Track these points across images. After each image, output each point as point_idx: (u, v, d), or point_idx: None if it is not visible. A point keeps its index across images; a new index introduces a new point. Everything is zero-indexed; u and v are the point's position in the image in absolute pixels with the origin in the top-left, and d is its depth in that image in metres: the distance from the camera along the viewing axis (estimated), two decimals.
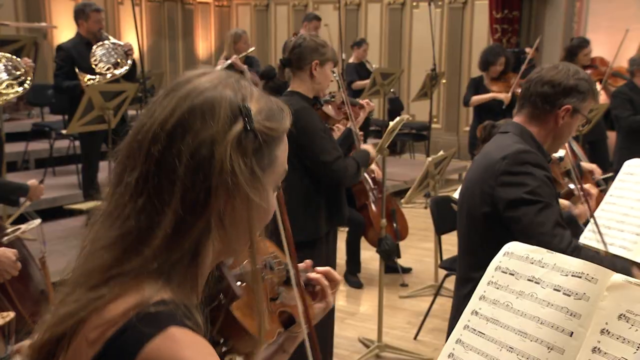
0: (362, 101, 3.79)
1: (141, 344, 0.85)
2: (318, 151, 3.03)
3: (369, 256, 5.16)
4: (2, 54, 4.98)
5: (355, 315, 4.74)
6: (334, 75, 3.32)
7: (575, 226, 2.47)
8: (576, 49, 6.36)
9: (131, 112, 6.21)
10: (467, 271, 2.39)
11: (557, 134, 2.33)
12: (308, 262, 1.40)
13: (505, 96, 6.10)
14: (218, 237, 0.96)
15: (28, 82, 4.91)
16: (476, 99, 6.26)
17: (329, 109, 3.33)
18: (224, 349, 1.05)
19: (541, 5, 8.88)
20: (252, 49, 6.81)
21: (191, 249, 0.93)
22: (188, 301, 0.94)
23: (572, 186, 2.67)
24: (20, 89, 4.85)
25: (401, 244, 5.27)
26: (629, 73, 5.53)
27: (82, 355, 0.89)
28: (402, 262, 5.37)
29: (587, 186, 2.57)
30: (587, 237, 2.82)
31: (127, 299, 0.90)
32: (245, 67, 6.43)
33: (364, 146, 3.41)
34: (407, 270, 5.37)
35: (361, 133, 4.98)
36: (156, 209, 0.91)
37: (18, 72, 4.87)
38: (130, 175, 0.93)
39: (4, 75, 4.84)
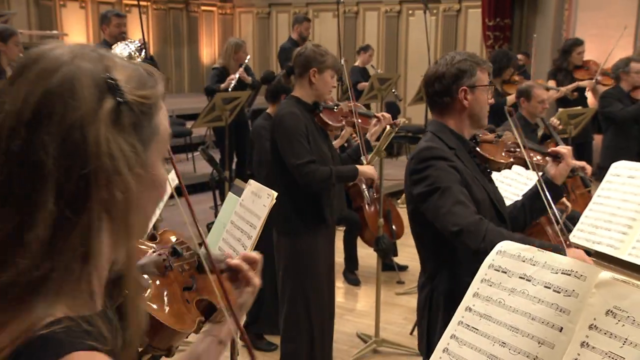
0: (379, 114, 3.67)
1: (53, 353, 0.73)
2: (291, 154, 3.08)
3: (367, 254, 5.15)
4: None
5: (353, 312, 4.74)
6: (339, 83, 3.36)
7: (555, 187, 2.46)
8: (570, 47, 6.40)
9: None
10: (430, 267, 2.42)
11: (471, 113, 2.37)
12: (226, 253, 1.33)
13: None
14: (109, 229, 0.82)
15: None
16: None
17: (327, 116, 3.33)
18: (139, 350, 0.93)
19: (531, 13, 8.88)
20: (249, 57, 6.82)
21: (79, 250, 0.78)
22: (88, 310, 0.81)
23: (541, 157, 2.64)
24: None
25: (397, 242, 5.28)
26: (614, 79, 5.52)
27: None
28: (399, 260, 5.36)
29: (556, 149, 2.54)
30: (577, 236, 2.83)
31: (12, 326, 0.76)
32: (250, 79, 6.44)
33: (363, 167, 3.38)
34: (403, 268, 5.37)
35: (356, 138, 4.98)
36: (25, 213, 0.76)
37: None
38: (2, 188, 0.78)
39: None
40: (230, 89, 6.20)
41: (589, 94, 6.36)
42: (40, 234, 0.76)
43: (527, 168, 2.50)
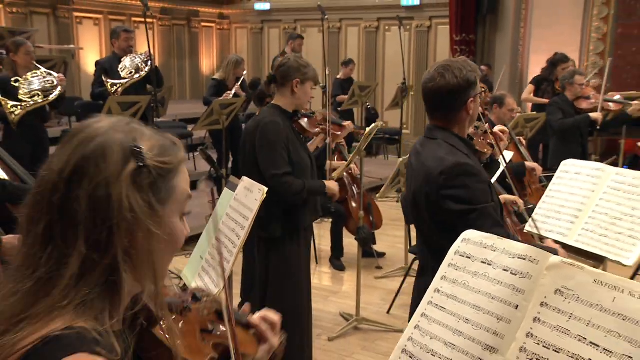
0: (345, 123, 3.73)
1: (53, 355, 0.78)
2: (270, 163, 2.93)
3: (349, 243, 5.16)
4: (43, 69, 4.98)
5: (337, 294, 4.74)
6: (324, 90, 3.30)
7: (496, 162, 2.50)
8: (558, 62, 6.32)
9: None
10: (428, 261, 2.32)
11: (472, 118, 2.27)
12: (246, 306, 1.30)
13: None
14: (129, 269, 0.87)
15: (55, 93, 4.87)
16: None
17: (305, 123, 3.27)
18: None
19: (492, 30, 8.93)
20: (245, 72, 6.81)
21: (100, 284, 0.84)
22: (107, 328, 0.85)
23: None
24: (40, 101, 4.79)
25: (376, 232, 5.29)
26: (561, 88, 5.54)
27: None
28: (377, 248, 5.38)
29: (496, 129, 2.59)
30: (531, 226, 2.86)
31: (36, 332, 0.81)
32: (244, 94, 6.41)
33: (328, 183, 3.26)
34: (381, 255, 5.38)
35: (343, 143, 5.01)
36: (63, 253, 0.83)
37: (49, 85, 4.84)
38: (36, 227, 0.85)
39: (36, 85, 4.81)
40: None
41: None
42: (72, 270, 0.83)
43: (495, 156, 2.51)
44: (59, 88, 4.89)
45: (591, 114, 5.21)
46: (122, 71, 5.75)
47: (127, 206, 0.84)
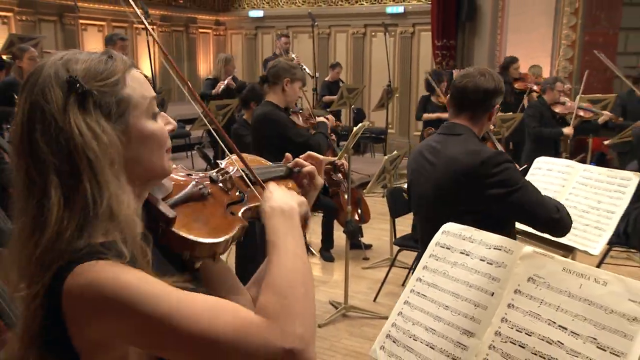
0: (327, 116, 3.88)
1: (65, 275, 0.84)
2: (293, 135, 3.10)
3: (338, 235, 5.17)
4: None
5: (327, 283, 4.75)
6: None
7: None
8: (508, 64, 6.63)
9: None
10: None
11: (489, 125, 2.32)
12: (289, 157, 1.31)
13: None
14: (119, 182, 0.89)
15: None
16: (426, 116, 6.33)
17: (296, 118, 3.38)
18: (188, 259, 0.98)
19: (471, 36, 8.95)
20: (236, 69, 6.85)
21: (93, 203, 0.87)
22: (116, 238, 0.88)
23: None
24: None
25: (363, 225, 5.30)
26: (542, 90, 5.62)
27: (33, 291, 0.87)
28: (364, 240, 5.39)
29: None
30: None
31: (53, 265, 0.86)
32: (234, 84, 6.45)
33: (319, 118, 3.50)
34: (368, 247, 5.39)
35: (333, 136, 5.02)
36: (43, 190, 0.87)
37: None
38: (20, 173, 0.90)
39: None
40: (219, 92, 6.28)
41: (525, 101, 6.47)
42: (56, 202, 0.86)
43: None
44: None
45: (564, 130, 5.37)
46: None
47: (77, 132, 0.86)
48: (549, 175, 2.83)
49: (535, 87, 6.48)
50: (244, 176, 1.10)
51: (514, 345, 1.24)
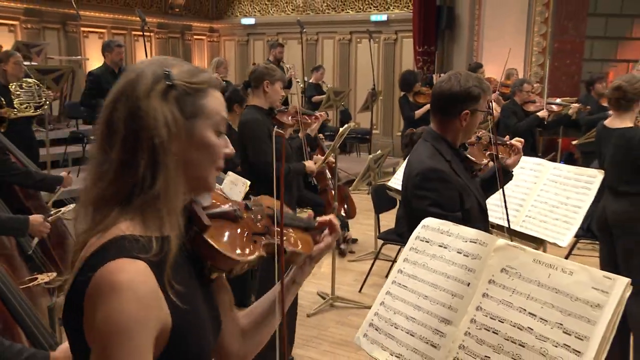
0: (318, 113, 3.80)
1: (97, 267, 0.85)
2: (258, 152, 2.98)
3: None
4: (34, 81, 4.93)
5: (315, 275, 4.74)
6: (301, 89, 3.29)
7: (507, 173, 2.32)
8: (474, 70, 6.61)
9: None
10: None
11: (465, 131, 2.11)
12: (310, 212, 1.32)
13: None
14: (169, 174, 0.92)
15: (44, 108, 4.97)
16: (420, 112, 6.14)
17: (282, 117, 3.35)
18: (207, 268, 1.01)
19: (450, 43, 8.99)
20: (228, 72, 6.83)
21: (141, 185, 0.91)
22: (156, 234, 0.91)
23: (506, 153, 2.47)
24: (31, 111, 4.82)
25: (349, 221, 5.30)
26: (511, 92, 5.66)
27: (76, 269, 0.90)
28: (351, 234, 5.40)
29: (514, 141, 2.39)
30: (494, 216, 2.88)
31: (106, 234, 0.89)
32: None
33: (306, 163, 3.36)
34: (354, 241, 5.41)
35: (321, 135, 5.01)
36: (108, 154, 0.92)
37: (39, 99, 4.89)
38: (98, 138, 0.96)
39: (26, 97, 4.81)
40: None
41: (493, 103, 6.52)
42: (114, 167, 0.91)
43: (494, 162, 2.28)
44: (47, 104, 4.96)
45: (539, 113, 5.41)
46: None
47: (152, 115, 0.91)
48: (522, 173, 2.85)
49: (502, 89, 6.52)
50: (272, 215, 1.12)
51: (488, 331, 1.25)
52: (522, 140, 2.45)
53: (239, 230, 1.05)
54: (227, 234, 1.01)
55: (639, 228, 3.10)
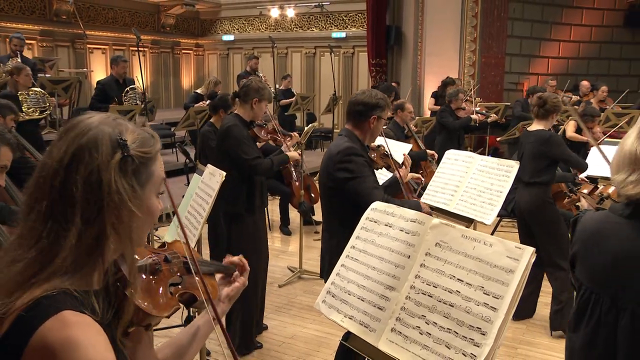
0: (292, 134, 3.63)
1: (36, 325, 0.70)
2: (242, 153, 2.84)
3: (295, 214, 5.16)
4: (40, 90, 4.93)
5: (285, 252, 4.74)
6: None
7: (396, 184, 2.45)
8: (447, 84, 6.77)
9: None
10: (335, 226, 2.28)
11: (371, 132, 2.30)
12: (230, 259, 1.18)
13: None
14: (114, 240, 0.80)
15: (47, 112, 5.03)
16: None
17: (259, 131, 3.18)
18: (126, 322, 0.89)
19: (398, 56, 9.04)
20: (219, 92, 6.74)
21: (92, 252, 0.78)
22: (88, 288, 0.79)
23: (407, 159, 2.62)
24: (37, 114, 4.82)
25: (315, 206, 5.30)
26: (448, 100, 5.76)
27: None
28: (315, 217, 5.38)
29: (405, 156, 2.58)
30: (425, 198, 2.92)
31: (36, 291, 0.74)
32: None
33: (290, 152, 3.23)
34: (318, 223, 5.37)
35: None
36: (63, 227, 0.76)
37: (43, 104, 4.90)
38: (39, 205, 0.77)
39: (33, 103, 4.81)
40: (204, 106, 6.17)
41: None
42: (71, 241, 0.76)
43: (389, 170, 2.50)
44: (51, 109, 5.00)
45: (472, 116, 5.67)
46: (125, 98, 5.82)
47: (114, 189, 0.77)
48: (456, 164, 2.89)
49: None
50: (188, 264, 1.02)
51: (424, 295, 1.25)
52: (409, 159, 2.61)
53: (157, 284, 0.95)
54: (147, 289, 0.91)
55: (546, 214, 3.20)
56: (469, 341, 1.12)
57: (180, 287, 0.99)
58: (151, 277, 0.95)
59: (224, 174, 2.13)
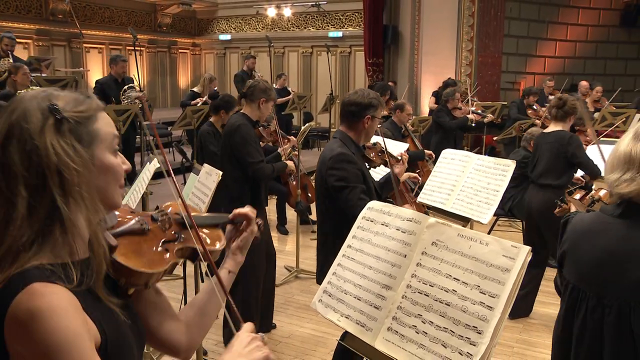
0: (290, 137, 3.66)
1: (9, 302, 0.72)
2: (247, 154, 2.83)
3: (292, 213, 5.15)
4: (38, 88, 4.92)
5: (283, 252, 4.73)
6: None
7: (390, 183, 2.42)
8: (448, 85, 6.68)
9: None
10: (329, 228, 2.28)
11: (366, 132, 2.28)
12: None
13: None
14: (73, 204, 0.79)
15: None
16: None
17: (262, 131, 3.24)
18: (123, 285, 0.90)
19: (395, 56, 9.04)
20: (216, 88, 6.70)
21: (51, 220, 0.77)
22: (64, 260, 0.79)
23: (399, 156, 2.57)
24: None
25: (312, 205, 5.29)
26: (444, 100, 5.76)
27: None
28: (312, 217, 5.37)
29: (401, 154, 2.52)
30: (421, 197, 2.92)
31: (7, 271, 0.75)
32: (210, 101, 6.28)
33: (288, 162, 3.27)
34: (315, 222, 5.39)
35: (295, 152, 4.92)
36: (10, 201, 0.76)
37: None
38: None
39: None
40: (200, 104, 6.18)
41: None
42: (21, 213, 0.76)
43: (386, 166, 2.46)
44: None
45: (468, 116, 5.67)
46: (122, 97, 5.84)
47: (52, 151, 0.77)
48: (452, 163, 2.88)
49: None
50: (182, 219, 1.01)
51: (421, 294, 1.25)
52: (406, 156, 2.57)
53: (148, 243, 0.94)
54: (135, 250, 0.91)
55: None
56: (465, 340, 1.12)
57: (176, 243, 0.98)
58: (138, 236, 0.94)
59: (220, 173, 2.13)
